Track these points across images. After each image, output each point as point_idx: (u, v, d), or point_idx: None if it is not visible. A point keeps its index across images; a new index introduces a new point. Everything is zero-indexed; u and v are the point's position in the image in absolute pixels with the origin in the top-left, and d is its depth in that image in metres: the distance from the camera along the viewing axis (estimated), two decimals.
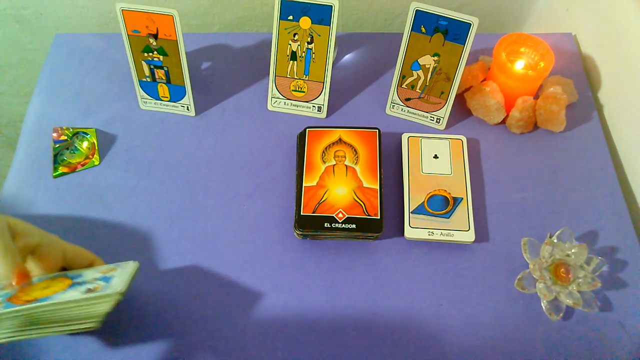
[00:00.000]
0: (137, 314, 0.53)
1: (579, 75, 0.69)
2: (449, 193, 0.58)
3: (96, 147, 0.63)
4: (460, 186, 0.58)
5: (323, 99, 0.65)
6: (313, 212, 0.55)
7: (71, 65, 0.71)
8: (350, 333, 0.52)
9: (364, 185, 0.57)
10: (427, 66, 0.61)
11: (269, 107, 0.67)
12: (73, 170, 0.62)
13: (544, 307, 0.52)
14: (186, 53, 0.61)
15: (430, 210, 0.57)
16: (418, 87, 0.63)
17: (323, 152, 0.59)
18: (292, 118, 0.66)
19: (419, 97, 0.64)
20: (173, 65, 0.62)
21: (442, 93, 0.62)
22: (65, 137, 0.64)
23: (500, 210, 0.59)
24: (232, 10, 0.82)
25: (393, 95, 0.65)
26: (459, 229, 0.55)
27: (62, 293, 0.41)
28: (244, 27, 0.86)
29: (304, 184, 0.57)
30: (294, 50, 0.62)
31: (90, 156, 0.63)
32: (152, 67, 0.63)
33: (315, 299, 0.54)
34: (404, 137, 0.62)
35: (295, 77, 0.64)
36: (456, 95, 0.62)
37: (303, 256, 0.56)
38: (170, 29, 0.59)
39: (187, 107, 0.66)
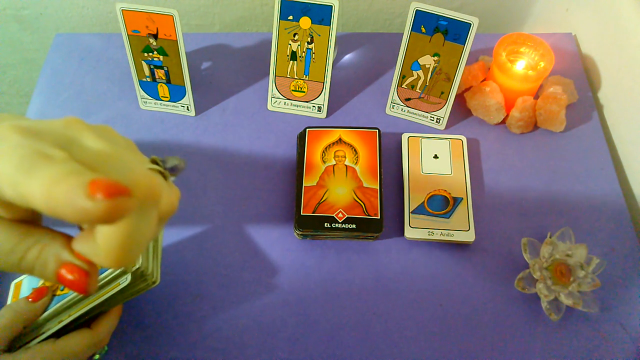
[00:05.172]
0: (137, 314, 0.53)
1: (579, 75, 0.68)
2: (449, 193, 0.58)
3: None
4: (460, 186, 0.58)
5: (323, 99, 0.65)
6: (313, 212, 0.55)
7: (71, 65, 0.71)
8: (350, 333, 0.52)
9: (364, 185, 0.57)
10: (427, 66, 0.61)
11: (269, 107, 0.67)
12: None
13: (544, 307, 0.52)
14: (186, 53, 0.61)
15: (430, 210, 0.57)
16: (418, 87, 0.63)
17: (323, 152, 0.59)
18: (292, 118, 0.66)
19: (419, 97, 0.64)
20: (173, 65, 0.62)
21: (442, 93, 0.62)
22: None
23: (500, 210, 0.59)
24: (232, 10, 0.82)
25: (393, 95, 0.65)
26: (459, 229, 0.55)
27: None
28: (244, 27, 0.86)
29: (304, 184, 0.57)
30: (294, 50, 0.62)
31: None
32: (152, 67, 0.63)
33: (315, 299, 0.54)
34: (404, 137, 0.62)
35: (295, 77, 0.64)
36: (456, 95, 0.62)
37: (303, 256, 0.56)
38: (170, 29, 0.59)
39: (187, 107, 0.66)
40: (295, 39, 0.61)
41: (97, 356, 0.50)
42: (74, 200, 0.21)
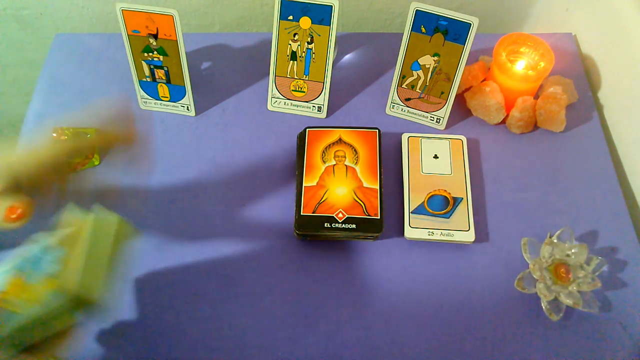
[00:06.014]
0: (137, 314, 0.53)
1: (579, 75, 0.69)
2: (449, 193, 0.58)
3: (96, 147, 0.63)
4: (460, 186, 0.58)
5: (323, 99, 0.65)
6: (313, 212, 0.55)
7: (71, 65, 0.71)
8: (350, 333, 0.52)
9: (364, 185, 0.57)
10: (427, 66, 0.61)
11: (269, 107, 0.67)
12: (73, 170, 0.62)
13: (544, 307, 0.52)
14: (186, 53, 0.61)
15: (430, 210, 0.57)
16: (418, 87, 0.63)
17: (323, 152, 0.59)
18: (292, 118, 0.66)
19: (419, 97, 0.64)
20: (173, 65, 0.62)
21: (442, 93, 0.62)
22: (65, 137, 0.64)
23: (500, 210, 0.59)
24: (232, 10, 0.82)
25: (393, 95, 0.65)
26: (459, 229, 0.55)
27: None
28: (244, 27, 0.86)
29: (304, 184, 0.57)
30: (294, 50, 0.62)
31: (90, 156, 0.63)
32: (152, 67, 0.63)
33: (315, 299, 0.54)
34: (404, 137, 0.62)
35: (295, 77, 0.64)
36: (456, 95, 0.62)
37: (303, 256, 0.56)
38: (170, 29, 0.59)
39: (187, 107, 0.66)
40: (295, 39, 0.61)
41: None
42: None
